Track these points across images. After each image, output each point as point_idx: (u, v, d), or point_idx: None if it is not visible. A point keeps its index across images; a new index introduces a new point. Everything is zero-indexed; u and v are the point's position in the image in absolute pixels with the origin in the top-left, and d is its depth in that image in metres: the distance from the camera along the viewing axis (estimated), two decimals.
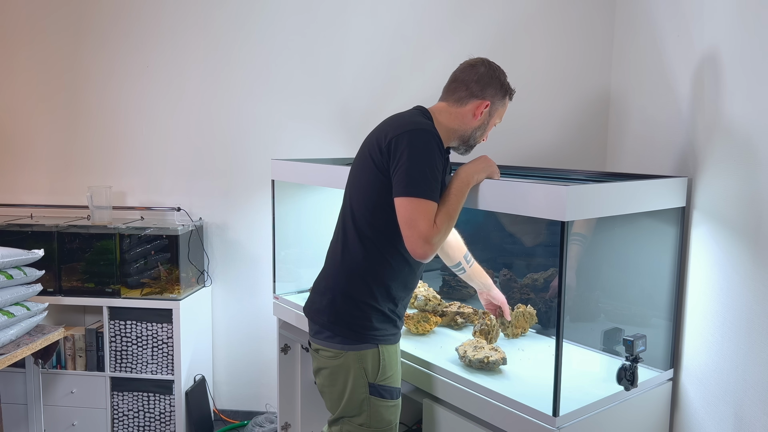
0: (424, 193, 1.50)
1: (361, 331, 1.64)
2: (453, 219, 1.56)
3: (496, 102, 1.72)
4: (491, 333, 1.99)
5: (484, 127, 1.73)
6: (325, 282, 1.73)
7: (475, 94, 1.69)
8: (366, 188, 1.64)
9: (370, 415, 1.66)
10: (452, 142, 1.75)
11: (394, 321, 1.69)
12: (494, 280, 2.54)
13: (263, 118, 3.01)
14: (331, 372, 1.68)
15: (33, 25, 3.12)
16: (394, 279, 1.66)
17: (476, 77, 1.69)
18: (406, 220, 1.51)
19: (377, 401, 1.65)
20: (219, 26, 2.99)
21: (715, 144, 1.68)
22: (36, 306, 2.46)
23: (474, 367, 1.79)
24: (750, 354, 1.48)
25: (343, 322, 1.65)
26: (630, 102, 2.44)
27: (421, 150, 1.54)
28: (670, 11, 2.05)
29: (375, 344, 1.65)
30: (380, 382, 1.65)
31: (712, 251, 1.70)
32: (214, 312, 3.16)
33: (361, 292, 1.64)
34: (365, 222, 1.64)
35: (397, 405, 1.70)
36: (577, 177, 1.97)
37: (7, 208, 3.17)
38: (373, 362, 1.64)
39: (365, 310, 1.64)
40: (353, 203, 1.68)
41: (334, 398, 1.70)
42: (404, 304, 1.74)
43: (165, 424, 2.91)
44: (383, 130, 1.64)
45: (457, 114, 1.70)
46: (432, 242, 1.49)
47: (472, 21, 2.75)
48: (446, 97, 1.74)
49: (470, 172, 1.65)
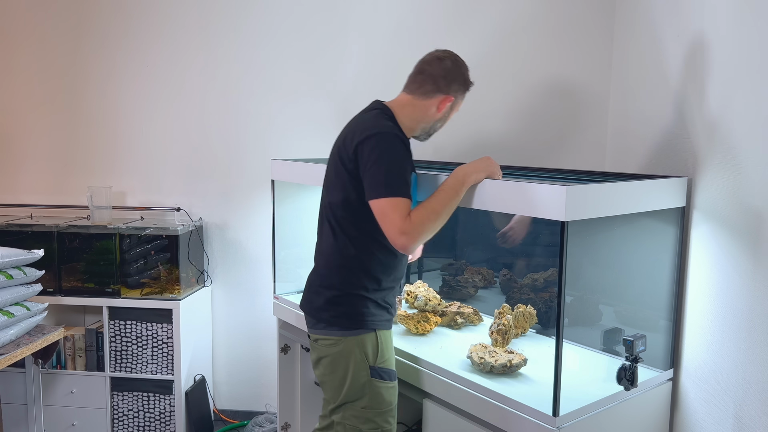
0: (393, 192, 1.58)
1: (359, 318, 1.71)
2: (437, 213, 1.61)
3: (458, 96, 1.80)
4: (508, 333, 1.98)
5: (445, 118, 1.83)
6: (319, 280, 1.80)
7: (441, 89, 1.75)
8: (342, 189, 1.71)
9: (371, 397, 1.72)
10: (416, 132, 1.82)
11: (386, 308, 1.78)
12: (494, 279, 2.55)
13: (263, 118, 3.01)
14: (332, 360, 1.74)
15: (33, 25, 3.12)
16: (382, 271, 1.74)
17: (443, 72, 1.75)
18: (381, 219, 1.60)
19: (378, 383, 1.72)
20: (218, 26, 2.99)
21: (715, 144, 1.68)
22: (36, 306, 2.46)
23: (495, 372, 1.77)
24: (750, 354, 1.48)
25: (341, 312, 1.72)
26: (630, 102, 2.44)
27: (386, 152, 1.62)
28: (670, 11, 2.05)
29: (372, 329, 1.73)
30: (380, 364, 1.73)
31: (712, 251, 1.70)
32: (214, 312, 3.16)
33: (355, 286, 1.72)
34: (348, 222, 1.72)
35: (395, 387, 1.78)
36: (577, 177, 1.97)
37: (7, 208, 3.17)
38: (372, 346, 1.72)
39: (360, 300, 1.72)
40: (332, 204, 1.75)
41: (335, 386, 1.76)
42: (394, 292, 1.82)
43: (165, 424, 2.91)
44: (349, 133, 1.72)
45: (422, 107, 1.77)
46: (409, 234, 1.56)
47: (472, 21, 2.75)
48: (412, 89, 1.79)
49: (468, 171, 1.67)
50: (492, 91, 2.75)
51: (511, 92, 2.75)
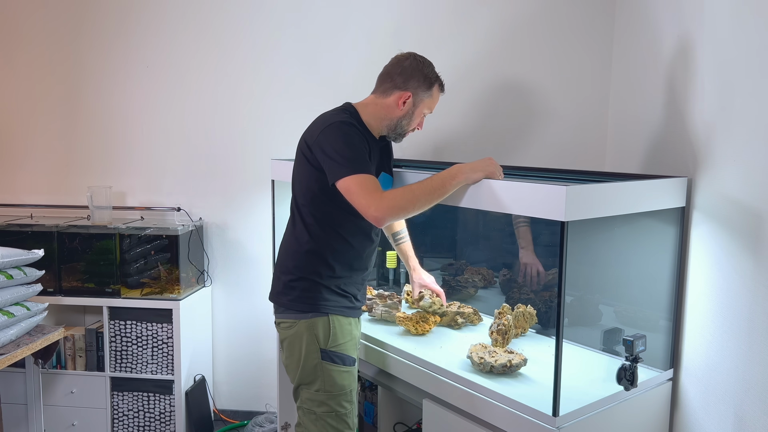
0: (354, 170, 1.64)
1: (311, 302, 1.79)
2: (414, 194, 1.64)
3: (420, 93, 1.83)
4: (508, 333, 1.98)
5: (410, 116, 1.85)
6: (279, 268, 1.88)
7: (398, 86, 1.82)
8: (304, 183, 1.80)
9: (324, 380, 1.78)
10: (383, 131, 1.88)
11: (346, 296, 1.84)
12: (494, 279, 2.55)
13: (263, 118, 3.01)
14: (289, 342, 1.82)
15: (33, 25, 3.12)
16: (337, 260, 1.80)
17: (400, 70, 1.83)
18: (350, 197, 1.65)
19: (329, 366, 1.78)
20: (218, 26, 2.99)
21: (715, 144, 1.68)
22: (36, 306, 2.46)
23: (495, 372, 1.78)
24: (750, 354, 1.48)
25: (296, 297, 1.80)
26: (630, 102, 2.44)
27: (337, 137, 1.70)
28: (670, 11, 2.05)
29: (325, 313, 1.79)
30: (331, 348, 1.78)
31: (712, 251, 1.70)
32: (214, 312, 3.16)
33: (308, 271, 1.80)
34: (307, 212, 1.80)
35: (350, 372, 1.82)
36: (577, 177, 1.97)
37: (7, 208, 3.17)
38: (324, 329, 1.78)
39: (312, 285, 1.79)
40: (297, 196, 1.85)
41: (292, 368, 1.83)
42: (353, 282, 1.86)
43: (165, 424, 2.91)
44: (310, 130, 1.81)
45: (383, 105, 1.84)
46: (378, 205, 1.60)
47: (472, 21, 2.75)
48: (375, 88, 1.89)
49: (463, 169, 1.69)
50: (492, 91, 2.75)
51: (510, 92, 2.75)
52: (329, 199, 1.74)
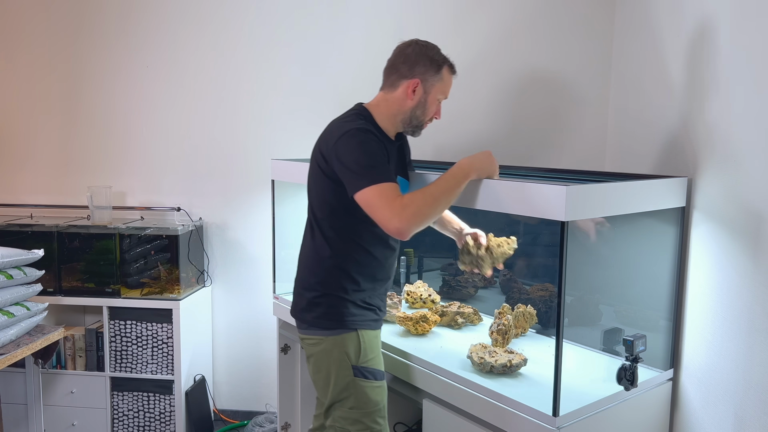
0: (373, 180, 1.55)
1: (337, 319, 1.72)
2: (434, 197, 1.58)
3: (429, 78, 1.72)
4: (508, 333, 1.98)
5: (423, 105, 1.74)
6: (301, 284, 1.81)
7: (404, 75, 1.73)
8: (321, 194, 1.73)
9: (357, 397, 1.72)
10: (398, 128, 1.78)
11: (371, 309, 1.78)
12: (494, 279, 2.55)
13: (263, 118, 3.01)
14: (316, 359, 1.76)
15: (33, 25, 3.12)
16: (360, 273, 1.74)
17: (403, 58, 1.74)
18: (369, 210, 1.56)
19: (362, 382, 1.72)
20: (218, 26, 2.99)
21: (715, 144, 1.68)
22: (36, 306, 2.46)
23: (495, 372, 1.77)
24: (750, 354, 1.48)
25: (321, 313, 1.73)
26: (630, 102, 2.44)
27: (355, 146, 1.60)
28: (670, 10, 2.05)
29: (353, 329, 1.72)
30: (363, 364, 1.73)
31: (712, 251, 1.70)
32: (214, 312, 3.16)
33: (333, 287, 1.73)
34: (327, 224, 1.73)
35: (382, 386, 1.77)
36: (577, 177, 1.97)
37: (7, 208, 3.17)
38: (354, 345, 1.72)
39: (339, 301, 1.72)
40: (314, 208, 1.77)
41: (321, 385, 1.78)
42: (377, 294, 1.81)
43: (165, 424, 2.90)
44: (324, 138, 1.72)
45: (393, 99, 1.74)
46: (401, 216, 1.51)
47: (472, 20, 2.75)
48: (383, 84, 1.79)
49: (474, 166, 1.66)
50: (492, 90, 2.75)
51: (510, 91, 2.75)
52: (348, 212, 1.66)
